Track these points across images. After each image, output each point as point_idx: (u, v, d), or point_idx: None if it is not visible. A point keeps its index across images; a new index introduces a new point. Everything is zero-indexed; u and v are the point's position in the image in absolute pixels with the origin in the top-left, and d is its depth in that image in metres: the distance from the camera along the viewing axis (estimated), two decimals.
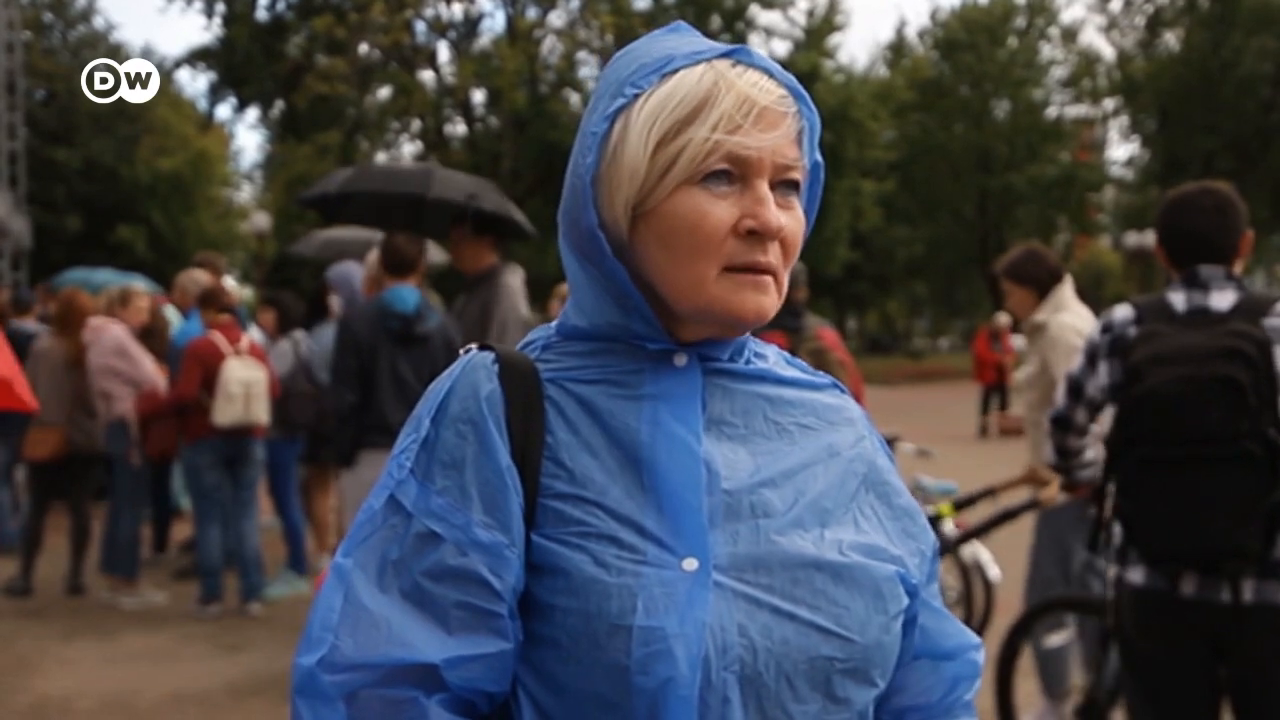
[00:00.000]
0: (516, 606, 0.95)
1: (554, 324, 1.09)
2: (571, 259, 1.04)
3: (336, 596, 0.94)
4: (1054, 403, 3.02)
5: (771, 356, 1.12)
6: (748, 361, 1.08)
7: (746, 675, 0.93)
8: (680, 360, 1.03)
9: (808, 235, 1.04)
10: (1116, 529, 2.72)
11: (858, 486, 1.06)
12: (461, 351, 1.05)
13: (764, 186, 0.97)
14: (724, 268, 0.97)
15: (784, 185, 1.00)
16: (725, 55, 1.00)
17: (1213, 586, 2.56)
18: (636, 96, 0.99)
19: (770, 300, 0.99)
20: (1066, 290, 4.39)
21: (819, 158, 1.04)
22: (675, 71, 0.99)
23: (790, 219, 1.00)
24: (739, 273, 0.98)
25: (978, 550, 5.31)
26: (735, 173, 0.97)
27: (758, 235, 0.97)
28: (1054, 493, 4.20)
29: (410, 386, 4.53)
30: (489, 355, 1.02)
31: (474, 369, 1.01)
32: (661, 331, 1.02)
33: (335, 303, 6.58)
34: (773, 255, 0.99)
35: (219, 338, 6.11)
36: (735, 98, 0.97)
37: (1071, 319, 4.30)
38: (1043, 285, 4.38)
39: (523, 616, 0.96)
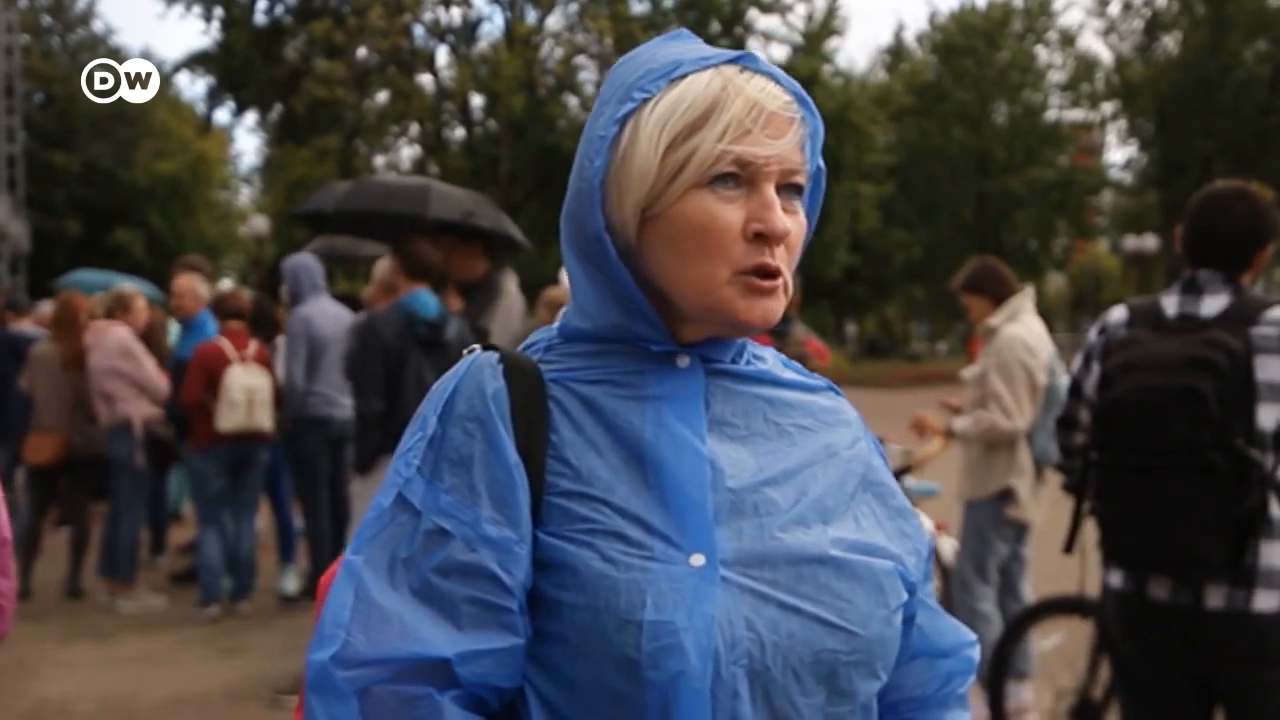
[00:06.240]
0: (526, 602, 0.96)
1: (555, 326, 1.10)
2: (575, 262, 1.05)
3: (347, 593, 0.95)
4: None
5: (769, 359, 1.13)
6: (747, 363, 1.09)
7: (754, 669, 0.94)
8: (683, 362, 1.04)
9: (808, 239, 1.06)
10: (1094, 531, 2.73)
11: (856, 486, 1.08)
12: (465, 352, 1.06)
13: (770, 190, 0.99)
14: (735, 271, 0.99)
15: (788, 189, 1.01)
16: (732, 61, 1.01)
17: (1182, 592, 2.55)
18: (645, 101, 1.00)
19: (777, 304, 1.01)
20: (1023, 301, 4.54)
21: (821, 164, 1.06)
22: (683, 76, 1.00)
23: (793, 223, 1.01)
24: (749, 276, 0.99)
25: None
26: (743, 175, 0.99)
27: (764, 238, 0.99)
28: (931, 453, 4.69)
29: None
30: (494, 355, 1.04)
31: (479, 368, 1.02)
32: (665, 333, 1.03)
33: (284, 293, 6.49)
34: (779, 258, 1.00)
35: (225, 344, 6.14)
36: (744, 103, 0.98)
37: (1022, 331, 4.43)
38: (997, 294, 4.57)
39: (529, 613, 0.96)
